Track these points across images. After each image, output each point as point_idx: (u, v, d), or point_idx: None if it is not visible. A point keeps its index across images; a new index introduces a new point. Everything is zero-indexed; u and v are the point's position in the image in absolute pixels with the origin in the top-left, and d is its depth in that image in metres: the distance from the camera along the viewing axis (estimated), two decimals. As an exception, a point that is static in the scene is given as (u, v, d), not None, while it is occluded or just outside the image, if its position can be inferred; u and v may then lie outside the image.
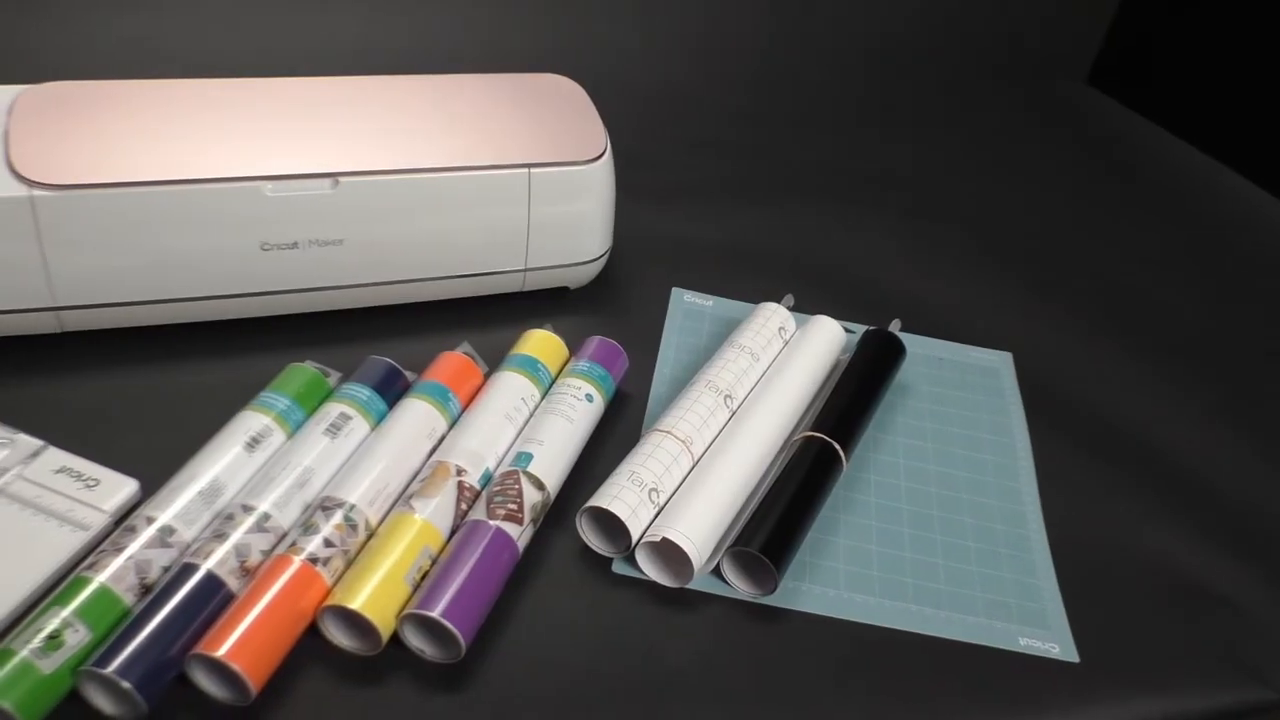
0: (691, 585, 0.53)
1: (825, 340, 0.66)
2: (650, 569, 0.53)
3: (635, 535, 0.53)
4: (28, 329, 0.58)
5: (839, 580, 0.54)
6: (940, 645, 0.51)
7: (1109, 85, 1.21)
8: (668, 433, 0.57)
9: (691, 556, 0.51)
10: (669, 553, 0.53)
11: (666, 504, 0.54)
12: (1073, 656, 0.52)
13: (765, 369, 0.64)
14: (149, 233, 0.57)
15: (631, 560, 0.53)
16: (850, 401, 0.61)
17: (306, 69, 0.69)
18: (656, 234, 0.78)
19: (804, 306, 0.71)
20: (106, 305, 0.58)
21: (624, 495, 0.53)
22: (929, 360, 0.70)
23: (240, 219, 0.58)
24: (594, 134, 0.67)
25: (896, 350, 0.66)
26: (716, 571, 0.53)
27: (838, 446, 0.58)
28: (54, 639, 0.42)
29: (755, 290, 0.73)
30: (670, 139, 0.92)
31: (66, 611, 0.43)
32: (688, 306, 0.72)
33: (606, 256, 0.71)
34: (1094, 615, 0.54)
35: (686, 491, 0.54)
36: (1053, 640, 0.52)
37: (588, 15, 1.00)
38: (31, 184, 0.54)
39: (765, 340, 0.64)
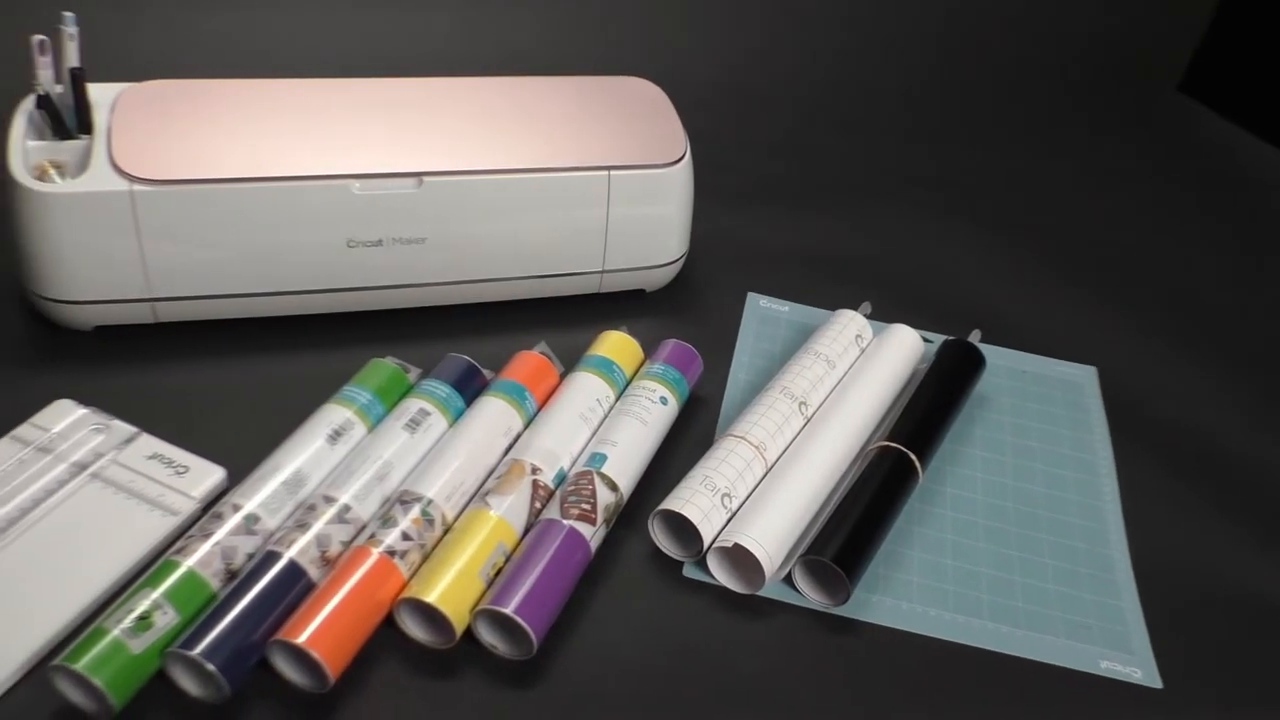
0: (762, 592, 0.52)
1: (903, 349, 0.65)
2: (721, 574, 0.53)
3: (707, 540, 0.52)
4: (124, 319, 0.60)
5: (912, 593, 0.53)
6: (1016, 664, 0.50)
7: (1201, 92, 1.17)
8: (741, 438, 0.57)
9: (763, 563, 0.51)
10: (741, 559, 0.53)
11: (739, 510, 0.54)
12: (1155, 683, 0.50)
13: (841, 377, 0.63)
14: (240, 228, 0.58)
15: (703, 565, 0.53)
16: (927, 412, 0.60)
17: (393, 69, 0.71)
18: (734, 238, 0.78)
19: (881, 314, 0.70)
20: (198, 298, 0.60)
21: (697, 499, 0.53)
22: (1010, 372, 0.69)
23: (328, 216, 0.60)
24: (674, 137, 0.67)
25: (976, 361, 0.65)
26: (788, 580, 0.53)
27: (913, 457, 0.57)
28: (144, 620, 0.43)
29: (832, 297, 0.73)
30: (750, 142, 0.91)
31: (156, 594, 0.44)
32: (763, 311, 0.71)
33: (683, 260, 0.71)
34: (1178, 641, 0.53)
35: (759, 498, 0.54)
36: (1135, 665, 0.51)
37: (670, 19, 1.00)
38: (131, 179, 0.56)
39: (842, 347, 0.64)
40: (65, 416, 0.54)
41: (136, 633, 0.43)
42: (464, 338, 0.65)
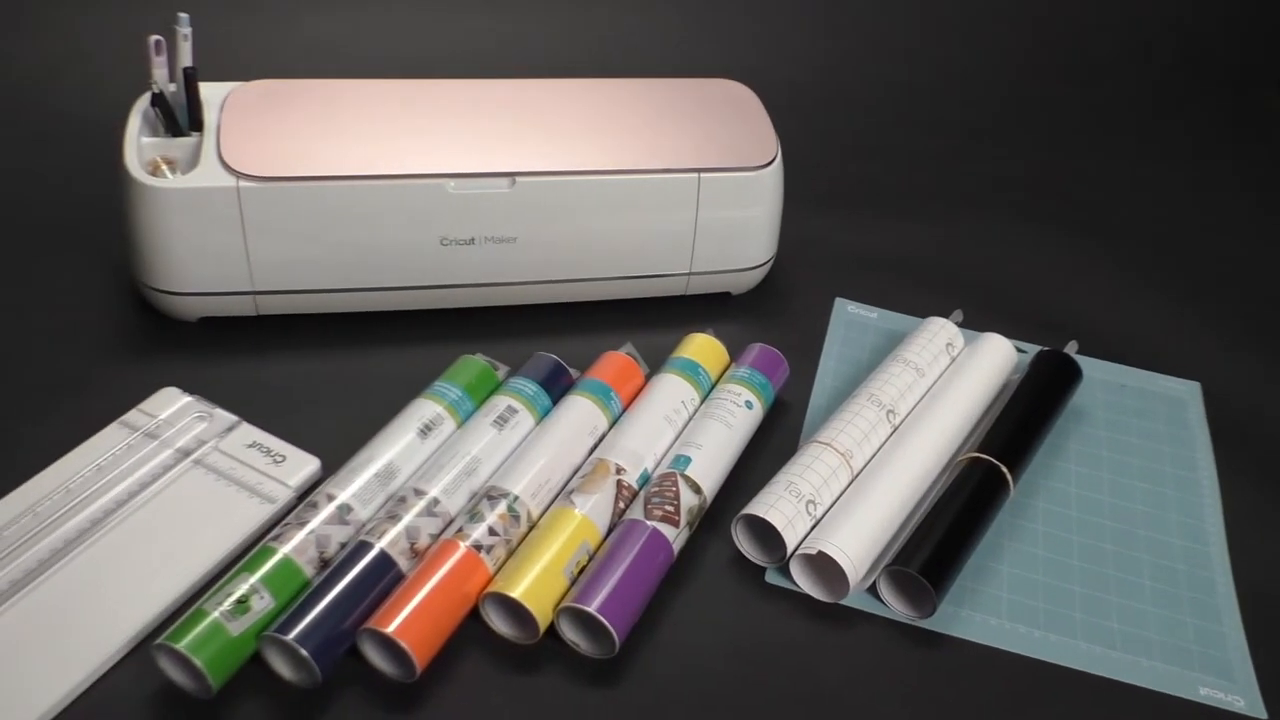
0: (845, 602, 0.52)
1: (995, 359, 0.63)
2: (804, 582, 0.52)
3: (790, 546, 0.52)
4: (228, 311, 0.62)
5: (1001, 609, 0.52)
6: (1110, 687, 0.49)
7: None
8: (827, 445, 0.56)
9: (848, 572, 0.50)
10: (824, 567, 0.52)
11: (823, 517, 0.54)
12: (1260, 713, 0.48)
13: (930, 385, 0.62)
14: (339, 224, 0.60)
15: (785, 571, 0.53)
16: (1020, 424, 0.59)
17: (489, 71, 0.72)
18: (822, 242, 0.77)
19: (973, 323, 0.69)
20: (297, 292, 0.62)
21: (780, 505, 0.53)
22: (1108, 386, 0.66)
23: (423, 214, 0.61)
24: (765, 140, 0.67)
25: (1072, 373, 0.63)
26: (872, 590, 0.52)
27: (1005, 470, 0.56)
28: (242, 603, 0.45)
29: (922, 304, 0.71)
30: (842, 146, 0.90)
31: (254, 579, 0.46)
32: (851, 317, 0.71)
33: (771, 263, 0.70)
34: (1284, 670, 0.50)
35: (845, 505, 0.53)
36: (1237, 693, 0.49)
37: (764, 21, 0.99)
38: (238, 175, 0.58)
39: (932, 356, 0.63)
40: (171, 404, 0.57)
41: (235, 615, 0.44)
42: (551, 336, 0.65)
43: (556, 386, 0.59)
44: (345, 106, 0.63)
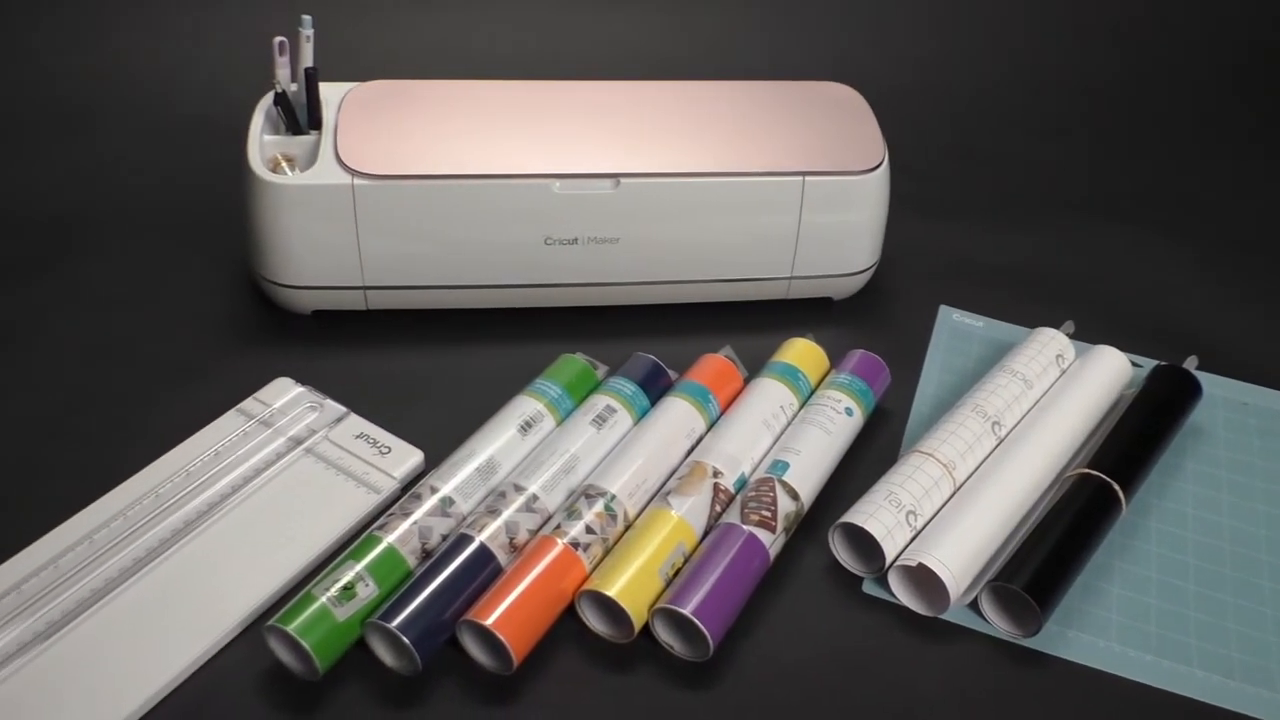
0: (945, 616, 0.51)
1: (1108, 373, 0.61)
2: (903, 593, 0.51)
3: (890, 556, 0.51)
4: (339, 305, 0.64)
5: (1110, 631, 0.50)
6: (1226, 718, 0.47)
7: None
8: (929, 455, 0.55)
9: (949, 585, 0.49)
10: (924, 579, 0.51)
11: (924, 528, 0.53)
12: (1389, 755, 0.46)
13: (1039, 398, 0.60)
14: (447, 222, 0.61)
15: (883, 582, 0.52)
16: (1134, 440, 0.57)
17: (595, 72, 0.72)
18: (928, 249, 0.75)
19: (1085, 335, 0.67)
20: (406, 287, 0.63)
21: (880, 514, 0.52)
22: (1229, 404, 0.64)
23: (528, 213, 0.62)
24: (872, 144, 0.66)
25: (1191, 389, 0.61)
26: (974, 605, 0.51)
27: (1117, 487, 0.54)
28: (348, 590, 0.46)
29: (1031, 314, 0.69)
30: (951, 150, 0.88)
31: (360, 566, 0.47)
32: (956, 325, 0.69)
33: (874, 269, 0.69)
34: None
35: (946, 518, 0.52)
36: (1365, 732, 0.46)
37: (873, 23, 0.98)
38: (353, 173, 0.59)
39: (1040, 367, 0.61)
40: (284, 394, 0.59)
41: (341, 601, 0.46)
42: (650, 337, 0.66)
43: (655, 387, 0.59)
44: (456, 107, 0.65)
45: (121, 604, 0.47)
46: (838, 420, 0.57)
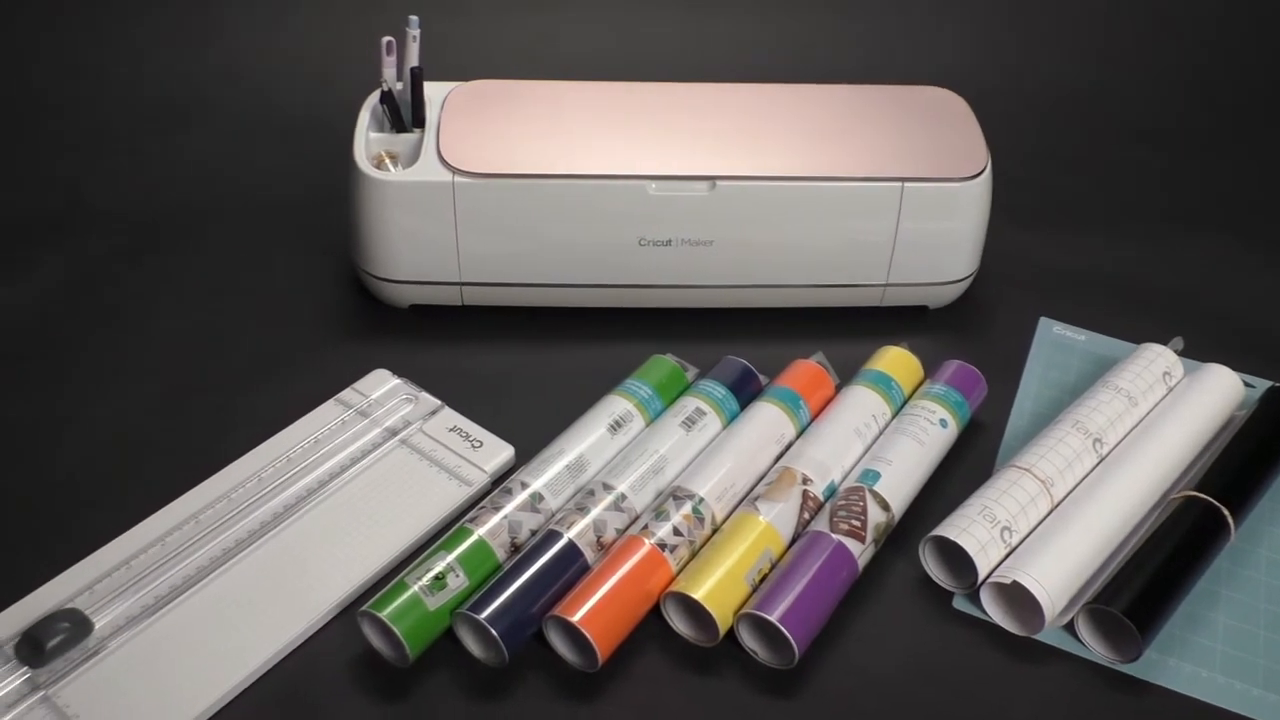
0: (1039, 636, 0.49)
1: (1218, 393, 0.59)
2: (995, 611, 0.50)
3: (982, 573, 0.50)
4: (436, 300, 0.65)
5: (1214, 661, 0.48)
6: (1338, 759, 0.45)
7: None
8: (1026, 470, 0.54)
9: (1044, 605, 0.48)
10: (1018, 597, 0.50)
11: (1019, 545, 0.51)
12: None
13: (1143, 416, 0.58)
14: (543, 221, 0.62)
15: (975, 599, 0.51)
16: (1244, 464, 0.55)
17: (693, 74, 0.72)
18: (1029, 258, 0.73)
19: (1195, 353, 0.64)
20: (500, 285, 0.64)
21: (974, 529, 0.51)
22: (1348, 429, 0.61)
23: (624, 214, 0.62)
24: (974, 150, 0.65)
25: (1308, 413, 0.58)
26: (1069, 627, 0.49)
27: (1225, 512, 0.52)
28: (439, 580, 0.47)
29: (1137, 329, 0.67)
30: (1056, 158, 0.86)
31: (451, 557, 0.48)
32: (1057, 339, 0.67)
33: (972, 278, 0.68)
34: None
35: (1043, 535, 0.51)
36: None
37: (977, 27, 0.96)
38: (454, 170, 0.61)
39: (1146, 385, 0.59)
40: (381, 385, 0.60)
41: (432, 590, 0.47)
42: (740, 341, 0.65)
43: (745, 391, 0.59)
44: (555, 107, 0.65)
45: (223, 583, 0.49)
46: (931, 431, 0.56)
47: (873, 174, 0.62)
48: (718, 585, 0.48)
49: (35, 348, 0.63)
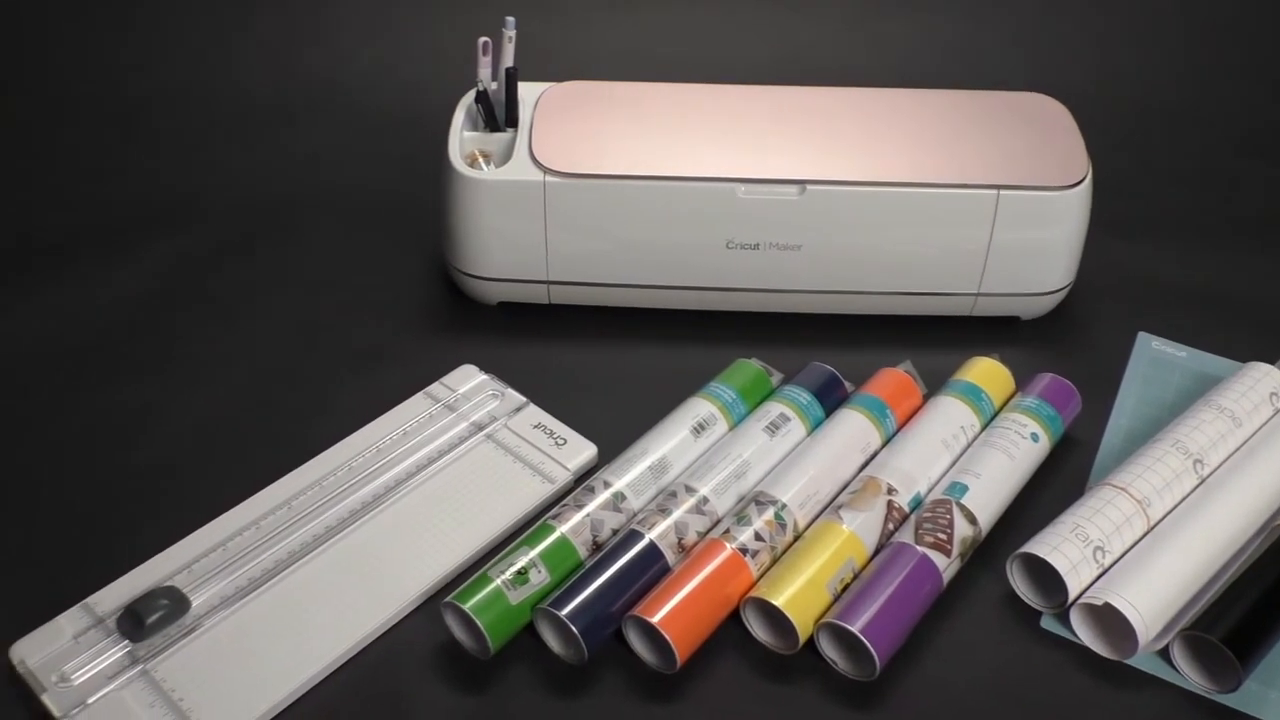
0: (1131, 661, 0.48)
1: (1330, 415, 0.56)
2: (1085, 633, 0.49)
3: (1073, 593, 0.49)
4: (523, 298, 0.66)
5: (1319, 697, 0.46)
6: None
7: None
8: (1122, 489, 0.52)
9: (1137, 629, 0.47)
10: (1110, 620, 0.49)
11: (1112, 566, 0.50)
12: None
13: (1248, 438, 0.56)
14: (632, 221, 0.62)
15: (1064, 619, 0.49)
16: (1357, 492, 0.52)
17: (787, 77, 0.72)
18: (1127, 270, 0.71)
19: (1303, 372, 0.62)
20: (587, 284, 0.65)
21: (1065, 548, 0.49)
22: None
23: (712, 217, 0.62)
24: (1075, 158, 0.63)
25: None
26: (1164, 653, 0.48)
27: (1335, 541, 0.49)
28: (521, 575, 0.48)
29: (1241, 346, 0.65)
30: (1160, 167, 0.83)
31: (534, 553, 0.49)
32: (1155, 354, 0.65)
33: (1068, 290, 0.66)
34: None
35: (1138, 557, 0.49)
36: None
37: (1081, 33, 0.93)
38: (545, 170, 0.61)
39: (1252, 405, 0.57)
40: (469, 380, 0.61)
41: (514, 585, 0.47)
42: (826, 347, 0.65)
43: (830, 398, 0.58)
44: (646, 109, 0.66)
45: (313, 568, 0.50)
46: (1022, 445, 0.55)
47: (967, 181, 0.61)
48: (799, 593, 0.48)
49: (143, 335, 0.66)
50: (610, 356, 0.65)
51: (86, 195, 0.78)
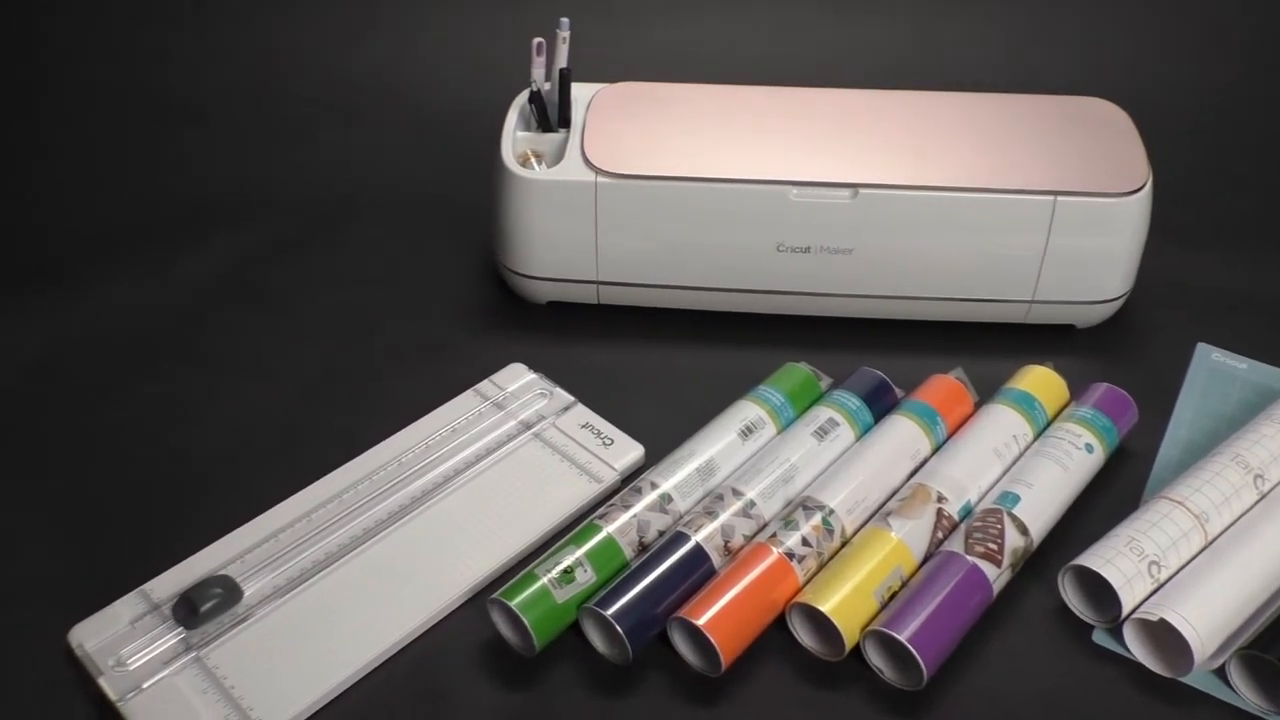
0: (1186, 679, 0.47)
1: (1399, 432, 0.55)
2: (1138, 649, 0.48)
3: (1127, 607, 0.48)
4: (573, 297, 0.66)
5: (1382, 722, 0.45)
6: None
7: None
8: (1179, 503, 0.51)
9: (1193, 646, 0.46)
10: (1164, 636, 0.48)
11: (1168, 581, 0.49)
12: None
13: (1311, 453, 0.55)
14: (683, 223, 0.62)
15: (1117, 634, 0.48)
16: None
17: (837, 79, 0.71)
18: (1186, 280, 0.70)
19: (1371, 387, 0.60)
20: (636, 285, 0.65)
21: (1119, 561, 0.48)
22: None
23: (763, 219, 0.62)
24: (1134, 165, 0.62)
25: None
26: (1220, 671, 0.47)
27: (1402, 562, 0.48)
28: (568, 574, 0.48)
29: (1305, 359, 0.63)
30: (1220, 175, 0.81)
31: (580, 552, 0.49)
32: (1215, 366, 0.64)
33: (1125, 298, 0.65)
34: None
35: (1195, 573, 0.48)
36: None
37: (1142, 35, 0.92)
38: (597, 171, 0.61)
39: (1316, 419, 0.55)
40: (517, 379, 0.61)
41: (560, 584, 0.47)
42: (876, 352, 0.64)
43: (880, 404, 0.58)
44: (698, 110, 0.66)
45: (362, 561, 0.51)
46: (1076, 456, 0.54)
47: (1024, 186, 0.60)
48: (846, 599, 0.47)
49: (201, 327, 0.67)
50: (658, 358, 0.65)
51: (147, 191, 0.80)
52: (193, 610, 0.47)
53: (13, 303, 0.68)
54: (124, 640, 0.47)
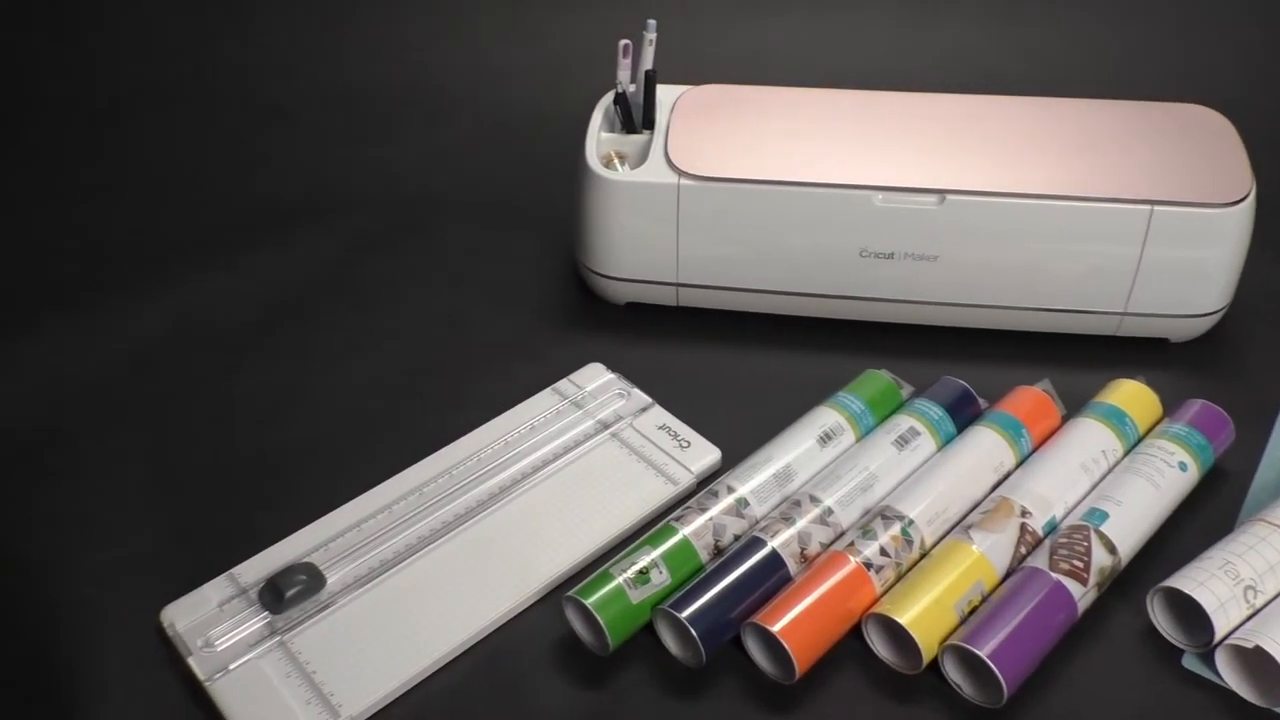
0: (1282, 710, 0.45)
1: None
2: (1231, 676, 0.46)
3: (1220, 632, 0.46)
4: (652, 299, 0.66)
5: None
6: None
7: None
8: (1277, 527, 0.49)
9: (1290, 677, 0.44)
10: (1259, 664, 0.46)
11: (1264, 608, 0.47)
12: None
13: None
14: (765, 226, 0.62)
15: (1209, 660, 0.47)
16: None
17: (925, 84, 0.70)
18: (1290, 295, 0.67)
19: None
20: (716, 288, 0.65)
21: (1212, 584, 0.47)
22: None
23: (847, 224, 0.61)
24: (1237, 175, 0.60)
25: None
26: (1319, 703, 0.45)
27: None
28: (643, 574, 0.48)
29: None
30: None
31: (656, 553, 0.49)
32: (1319, 384, 0.61)
33: (1223, 312, 0.63)
34: None
35: (1294, 600, 0.47)
36: None
37: (1246, 41, 0.88)
38: (680, 173, 0.61)
39: None
40: (596, 379, 0.61)
41: (636, 584, 0.47)
42: (959, 362, 0.63)
43: (963, 414, 0.57)
44: (782, 113, 0.65)
45: (441, 554, 0.52)
46: (1168, 474, 0.52)
47: (1118, 195, 0.59)
48: (925, 612, 0.46)
49: (290, 321, 0.68)
50: (736, 361, 0.64)
51: (239, 188, 0.82)
52: (278, 595, 0.48)
53: (114, 300, 0.70)
54: (213, 622, 0.48)
